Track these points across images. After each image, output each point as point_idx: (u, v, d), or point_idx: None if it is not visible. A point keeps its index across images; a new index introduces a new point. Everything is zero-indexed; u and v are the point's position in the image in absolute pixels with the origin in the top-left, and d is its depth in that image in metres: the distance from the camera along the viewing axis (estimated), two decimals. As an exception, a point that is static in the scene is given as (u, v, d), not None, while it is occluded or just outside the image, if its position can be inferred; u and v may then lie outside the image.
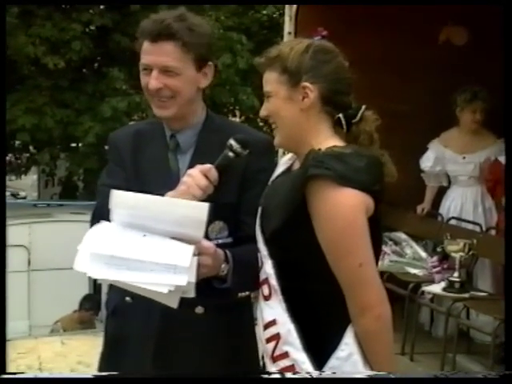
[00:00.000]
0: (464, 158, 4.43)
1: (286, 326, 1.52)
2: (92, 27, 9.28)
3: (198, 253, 1.52)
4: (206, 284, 1.56)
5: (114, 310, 1.87)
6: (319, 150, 1.51)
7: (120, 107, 8.63)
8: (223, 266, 1.62)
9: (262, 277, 1.59)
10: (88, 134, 8.63)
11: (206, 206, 1.50)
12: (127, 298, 1.74)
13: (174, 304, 1.52)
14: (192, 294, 1.51)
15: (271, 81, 1.58)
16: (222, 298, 1.65)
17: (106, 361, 1.89)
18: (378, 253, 1.54)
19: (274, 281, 1.55)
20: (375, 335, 1.49)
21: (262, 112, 1.62)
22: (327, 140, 1.55)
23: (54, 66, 8.50)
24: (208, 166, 1.63)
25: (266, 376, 1.43)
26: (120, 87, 8.90)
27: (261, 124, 8.97)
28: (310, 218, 1.50)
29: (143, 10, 8.57)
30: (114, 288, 1.67)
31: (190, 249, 1.50)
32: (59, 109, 8.87)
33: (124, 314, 1.81)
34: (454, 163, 4.46)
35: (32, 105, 8.62)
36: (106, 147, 2.00)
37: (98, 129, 8.55)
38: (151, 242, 1.51)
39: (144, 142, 1.83)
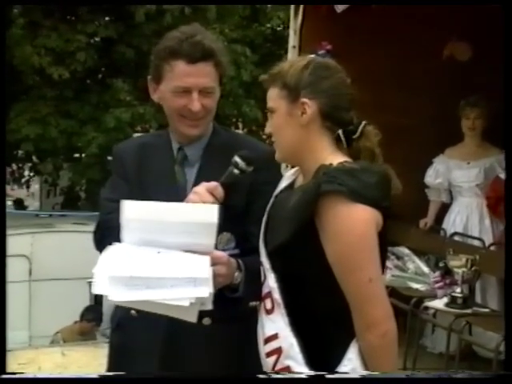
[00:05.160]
0: (468, 163, 4.44)
1: (289, 340, 1.51)
2: (97, 38, 9.33)
3: (212, 263, 1.54)
4: (217, 294, 1.56)
5: (118, 324, 1.87)
6: (330, 165, 1.52)
7: (124, 118, 8.66)
8: (236, 274, 1.63)
9: (265, 290, 1.59)
10: (91, 144, 8.65)
11: (215, 207, 1.53)
12: (132, 312, 1.74)
13: (193, 318, 1.53)
14: (210, 306, 1.52)
15: (273, 97, 1.60)
16: (233, 308, 1.65)
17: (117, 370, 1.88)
18: (383, 269, 1.54)
19: (277, 294, 1.54)
20: (380, 351, 1.48)
21: (267, 129, 1.64)
22: (332, 155, 1.56)
23: (58, 77, 8.55)
24: (214, 183, 1.64)
25: (264, 376, 1.42)
26: (124, 98, 8.94)
27: (264, 136, 8.99)
28: (318, 233, 1.50)
29: (148, 22, 8.63)
30: None
31: (207, 260, 1.52)
32: (63, 119, 8.91)
33: (129, 327, 1.81)
34: (458, 169, 4.46)
35: (36, 115, 8.65)
36: (110, 158, 2.00)
37: (101, 139, 8.58)
38: (167, 258, 1.52)
39: (150, 154, 1.84)
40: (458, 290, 3.87)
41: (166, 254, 1.53)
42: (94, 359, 4.63)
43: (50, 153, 9.28)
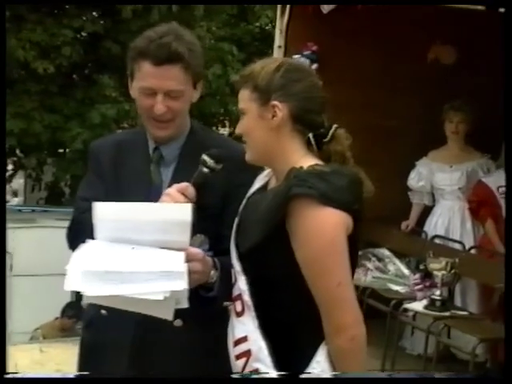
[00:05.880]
0: (451, 166, 4.47)
1: (258, 343, 1.51)
2: (83, 33, 9.25)
3: (188, 260, 1.52)
4: (191, 294, 1.54)
5: (89, 323, 1.86)
6: (301, 167, 1.51)
7: (109, 114, 8.60)
8: (212, 272, 1.62)
9: (235, 293, 1.58)
10: (76, 140, 8.58)
11: (189, 205, 1.52)
12: (103, 311, 1.73)
13: (169, 316, 1.52)
14: (185, 304, 1.51)
15: (244, 99, 1.59)
16: (206, 308, 1.64)
17: (87, 369, 1.86)
18: (353, 272, 1.54)
19: (247, 297, 1.54)
20: (348, 355, 1.48)
21: (237, 130, 1.63)
22: (303, 158, 1.56)
23: (43, 71, 8.46)
24: (184, 184, 1.64)
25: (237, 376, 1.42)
26: (110, 94, 8.87)
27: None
28: (288, 236, 1.49)
29: (135, 18, 8.57)
30: None
31: (182, 255, 1.51)
32: (48, 114, 8.82)
33: (99, 326, 1.80)
34: (441, 172, 4.49)
35: (20, 109, 8.56)
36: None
37: (86, 135, 8.51)
38: (141, 254, 1.51)
39: (126, 153, 1.82)
40: (438, 292, 3.89)
41: (140, 250, 1.52)
42: (72, 356, 4.57)
43: (33, 148, 9.20)
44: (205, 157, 1.66)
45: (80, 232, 1.67)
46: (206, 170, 1.66)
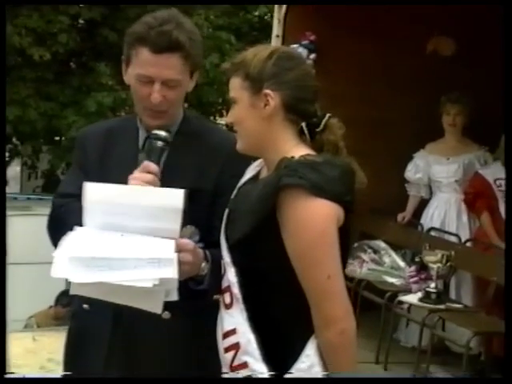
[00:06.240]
0: (448, 158, 4.45)
1: (246, 336, 1.48)
2: (80, 20, 9.18)
3: (178, 250, 1.49)
4: (181, 286, 1.52)
5: (74, 314, 1.84)
6: (292, 157, 1.48)
7: (105, 102, 8.54)
8: (203, 265, 1.59)
9: (224, 284, 1.55)
10: (71, 128, 8.53)
11: (181, 192, 1.49)
12: (85, 306, 1.71)
13: (158, 309, 1.49)
14: (175, 297, 1.49)
15: (235, 87, 1.56)
16: (197, 301, 1.61)
17: (68, 364, 1.85)
18: (344, 265, 1.51)
19: (236, 289, 1.51)
20: (338, 349, 1.46)
21: (228, 118, 1.60)
22: (295, 148, 1.53)
23: (39, 58, 8.40)
24: (145, 162, 1.62)
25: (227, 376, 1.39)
26: (106, 82, 8.81)
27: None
28: (279, 227, 1.46)
29: (132, 6, 8.50)
30: None
31: (172, 242, 1.48)
32: (43, 101, 8.77)
33: (83, 320, 1.77)
34: (438, 165, 4.47)
35: (16, 96, 8.50)
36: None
37: (82, 123, 8.43)
38: (131, 240, 1.48)
39: (114, 141, 1.78)
40: (433, 285, 3.88)
41: (129, 237, 1.49)
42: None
43: (29, 135, 9.16)
44: (155, 131, 1.66)
45: (59, 230, 1.64)
46: (160, 143, 1.66)
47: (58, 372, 4.13)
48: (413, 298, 3.93)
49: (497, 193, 4.16)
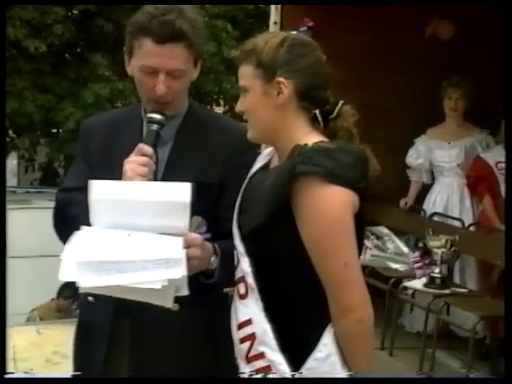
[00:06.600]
0: (449, 143, 4.44)
1: (262, 326, 1.47)
2: (75, 11, 9.12)
3: (186, 245, 1.48)
4: (191, 280, 1.50)
5: (80, 306, 1.83)
6: (305, 145, 1.47)
7: (103, 94, 8.50)
8: (213, 259, 1.58)
9: (238, 275, 1.54)
10: (69, 120, 8.50)
11: (188, 185, 1.47)
12: (90, 298, 1.69)
13: (169, 304, 1.48)
14: (186, 292, 1.47)
15: (246, 75, 1.53)
16: (207, 294, 1.60)
17: (76, 357, 1.84)
18: (360, 252, 1.50)
19: (251, 279, 1.50)
20: (356, 337, 1.45)
21: (238, 107, 1.57)
22: (308, 135, 1.51)
23: (35, 50, 8.36)
24: (139, 144, 1.61)
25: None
26: (103, 73, 8.76)
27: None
28: (294, 216, 1.45)
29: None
30: None
31: (179, 241, 1.46)
32: (40, 93, 8.73)
33: (90, 312, 1.76)
34: (439, 149, 4.46)
35: (12, 89, 8.46)
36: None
37: (79, 115, 8.41)
38: (138, 241, 1.46)
39: (119, 132, 1.76)
40: (437, 270, 3.87)
41: (136, 237, 1.47)
42: (69, 338, 4.56)
43: (26, 128, 9.12)
44: (150, 115, 1.65)
45: (64, 224, 1.64)
46: (155, 126, 1.65)
47: (63, 365, 4.15)
48: (417, 284, 3.93)
49: (498, 176, 4.15)
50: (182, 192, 1.47)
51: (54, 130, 9.75)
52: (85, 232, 1.50)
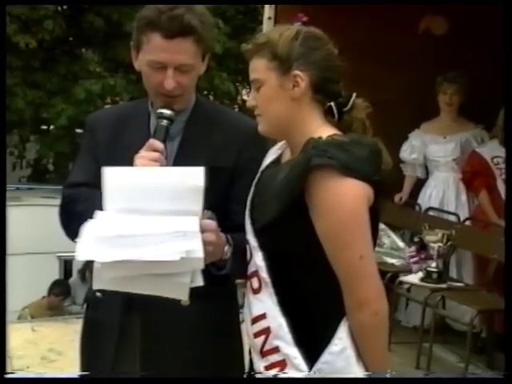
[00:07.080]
0: (445, 137, 4.44)
1: (277, 320, 1.47)
2: (65, 6, 9.06)
3: (201, 231, 1.46)
4: (203, 272, 1.49)
5: (88, 305, 1.83)
6: (320, 138, 1.46)
7: (94, 90, 8.47)
8: (226, 248, 1.57)
9: (252, 269, 1.53)
10: (60, 116, 8.45)
11: (201, 169, 1.47)
12: (98, 294, 1.68)
13: (185, 296, 1.47)
14: (201, 282, 1.46)
15: (260, 68, 1.52)
16: (219, 286, 1.59)
17: (83, 354, 1.83)
18: (374, 245, 1.50)
19: (264, 273, 1.49)
20: (371, 331, 1.45)
21: (251, 102, 1.56)
22: (321, 128, 1.51)
23: (25, 46, 8.30)
24: (150, 140, 1.61)
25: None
26: (94, 69, 8.72)
27: (236, 110, 8.89)
28: (307, 209, 1.45)
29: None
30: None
31: (195, 218, 1.45)
32: (30, 90, 8.68)
33: (98, 309, 1.76)
34: (434, 144, 4.46)
35: (2, 85, 8.41)
36: (79, 131, 1.90)
37: (70, 111, 8.38)
38: (153, 219, 1.46)
39: (125, 127, 1.75)
40: (433, 264, 3.89)
41: (152, 217, 1.46)
42: (64, 335, 4.55)
43: (16, 124, 9.05)
44: (160, 110, 1.65)
45: (71, 220, 1.63)
46: (165, 122, 1.64)
47: (59, 362, 4.12)
48: (414, 278, 3.95)
49: (494, 171, 4.16)
50: (195, 176, 1.47)
51: (45, 127, 9.70)
52: (100, 215, 1.49)
